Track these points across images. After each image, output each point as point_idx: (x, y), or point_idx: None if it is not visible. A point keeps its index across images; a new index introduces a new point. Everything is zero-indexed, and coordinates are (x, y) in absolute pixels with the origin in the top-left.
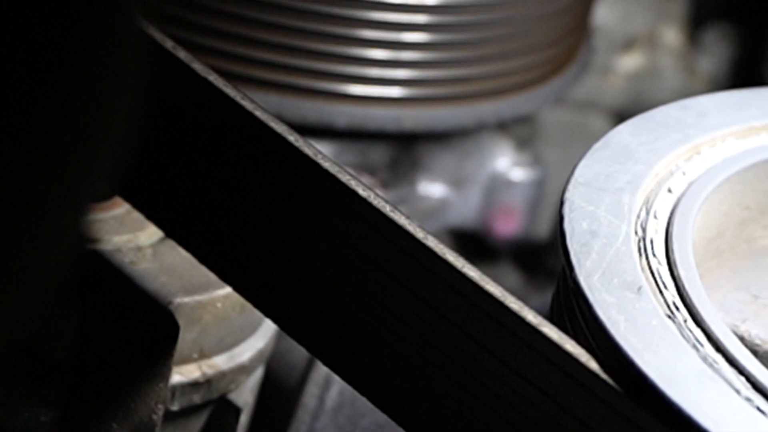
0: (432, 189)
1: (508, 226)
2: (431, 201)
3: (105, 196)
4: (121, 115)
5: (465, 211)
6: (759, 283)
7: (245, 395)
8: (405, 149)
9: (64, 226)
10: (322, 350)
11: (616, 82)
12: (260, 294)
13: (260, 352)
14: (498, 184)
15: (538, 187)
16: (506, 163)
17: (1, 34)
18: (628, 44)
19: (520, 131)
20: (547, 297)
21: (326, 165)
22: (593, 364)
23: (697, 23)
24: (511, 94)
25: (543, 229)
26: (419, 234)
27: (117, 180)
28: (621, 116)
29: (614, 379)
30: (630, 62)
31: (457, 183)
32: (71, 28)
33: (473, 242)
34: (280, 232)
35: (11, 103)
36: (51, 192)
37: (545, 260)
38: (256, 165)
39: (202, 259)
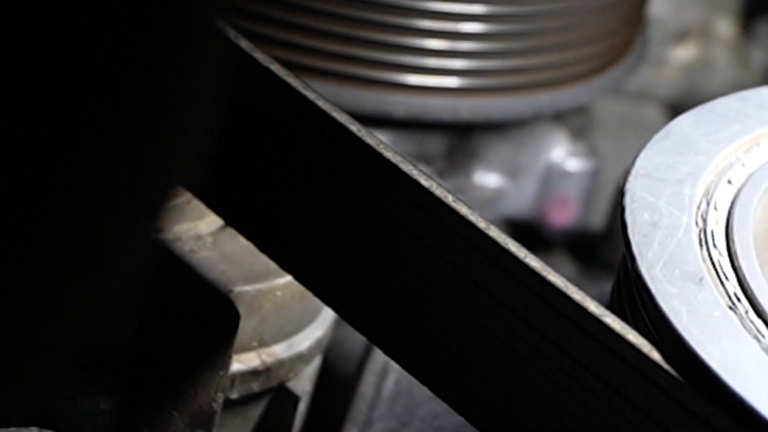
0: (487, 179)
1: (563, 216)
2: (487, 191)
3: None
4: (203, 110)
5: (520, 201)
6: None
7: (303, 384)
8: (461, 139)
9: (145, 220)
10: (381, 338)
11: (669, 73)
12: (320, 282)
13: (318, 341)
14: (553, 174)
15: (593, 177)
16: (561, 153)
17: (93, 33)
18: (681, 36)
19: (575, 122)
20: (602, 288)
21: (388, 155)
22: (656, 355)
23: (750, 15)
24: (567, 85)
25: (597, 220)
26: (481, 224)
27: (193, 174)
28: (674, 108)
29: (677, 370)
30: (683, 54)
31: (512, 173)
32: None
33: (528, 232)
34: (341, 222)
35: (99, 97)
36: (134, 186)
37: (600, 251)
38: (318, 154)
39: (262, 247)
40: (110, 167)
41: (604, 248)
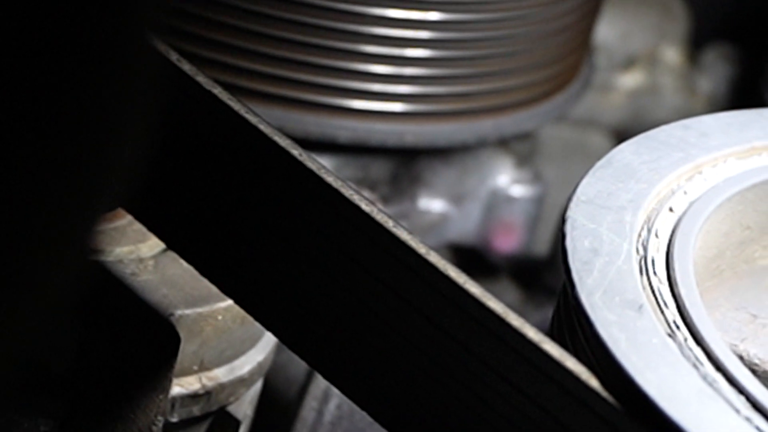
0: (432, 204)
1: (507, 242)
2: (431, 216)
3: (109, 209)
4: (135, 129)
5: (465, 226)
6: (758, 302)
7: (244, 408)
8: (406, 165)
9: (77, 239)
10: (321, 363)
11: (616, 100)
12: (261, 306)
13: (260, 365)
14: (498, 200)
15: (538, 203)
16: (506, 179)
17: (19, 47)
18: (628, 63)
19: (521, 148)
20: (546, 314)
21: (329, 179)
22: (594, 382)
23: (697, 43)
24: (512, 111)
25: (542, 247)
26: (421, 249)
27: (126, 194)
28: (620, 134)
29: (615, 397)
30: (630, 80)
31: (457, 199)
32: (88, 40)
33: (473, 258)
34: (281, 246)
35: (28, 116)
36: (65, 205)
37: (544, 277)
38: (259, 178)
39: (204, 271)
40: (40, 183)
41: (548, 274)
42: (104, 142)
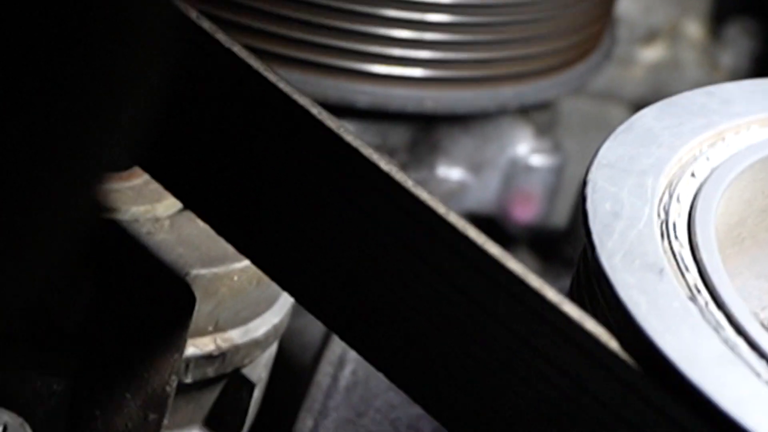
0: (451, 172)
1: (526, 212)
2: (449, 184)
3: (125, 167)
4: (146, 84)
5: (483, 195)
6: None
7: (259, 370)
8: (425, 132)
9: (81, 193)
10: (339, 324)
11: (636, 73)
12: (277, 266)
13: (275, 328)
14: (517, 169)
15: (557, 174)
16: (526, 148)
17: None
18: (650, 36)
19: (541, 118)
20: (564, 284)
21: (348, 138)
22: (614, 344)
23: (719, 17)
24: (533, 79)
25: (560, 218)
26: (441, 210)
27: (138, 150)
28: (641, 108)
29: (634, 360)
30: (651, 54)
31: (476, 167)
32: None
33: (491, 227)
34: (299, 205)
35: (35, 69)
36: (69, 158)
37: (562, 248)
38: (278, 137)
39: (220, 230)
40: (46, 132)
41: (567, 246)
42: (112, 95)
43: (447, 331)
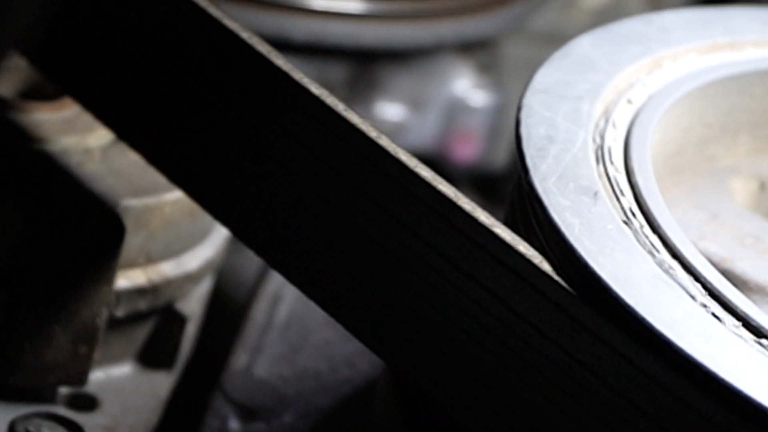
0: (390, 110)
1: (466, 151)
2: (388, 123)
3: (53, 96)
4: None
5: (423, 134)
6: (718, 202)
7: (192, 305)
8: (363, 68)
9: None
10: (273, 256)
11: (579, 16)
12: (210, 196)
13: (209, 262)
14: (457, 108)
15: (498, 113)
16: (465, 86)
17: None
18: None
19: (482, 57)
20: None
21: (279, 62)
22: (546, 266)
23: None
24: (471, 15)
25: (501, 158)
26: (372, 133)
27: (28, 47)
28: None
29: (567, 282)
30: None
31: (415, 105)
32: None
33: (431, 167)
34: (231, 131)
35: None
36: None
37: (503, 188)
38: (208, 63)
39: (152, 160)
40: None
41: (507, 186)
42: None
43: (377, 256)
